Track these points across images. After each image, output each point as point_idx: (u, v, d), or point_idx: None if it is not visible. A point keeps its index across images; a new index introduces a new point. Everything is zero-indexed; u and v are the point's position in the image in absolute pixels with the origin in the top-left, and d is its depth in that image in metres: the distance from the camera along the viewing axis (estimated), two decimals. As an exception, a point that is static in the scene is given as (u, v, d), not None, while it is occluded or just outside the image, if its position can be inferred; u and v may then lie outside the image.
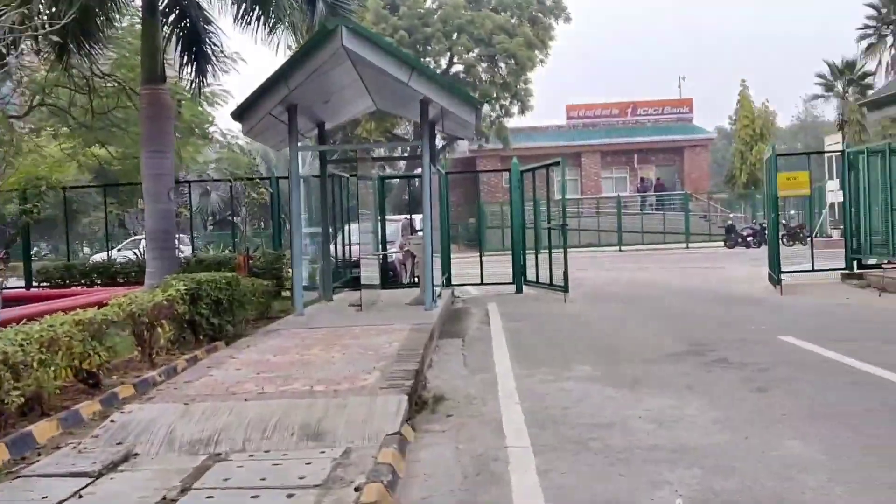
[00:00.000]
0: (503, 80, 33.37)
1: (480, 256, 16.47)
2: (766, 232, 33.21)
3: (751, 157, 36.55)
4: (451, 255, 16.89)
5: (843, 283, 15.02)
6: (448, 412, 5.89)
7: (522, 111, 34.64)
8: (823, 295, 13.11)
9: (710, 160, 45.32)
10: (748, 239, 31.46)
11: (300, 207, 11.29)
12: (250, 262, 13.32)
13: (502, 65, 33.35)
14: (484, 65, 33.48)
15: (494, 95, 33.49)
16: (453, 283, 16.17)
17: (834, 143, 26.71)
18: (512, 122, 39.52)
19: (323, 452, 4.88)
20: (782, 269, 13.63)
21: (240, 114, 11.05)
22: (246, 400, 5.89)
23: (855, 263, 15.26)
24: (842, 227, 29.56)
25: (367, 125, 31.86)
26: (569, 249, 14.10)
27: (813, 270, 15.44)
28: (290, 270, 12.93)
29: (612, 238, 34.68)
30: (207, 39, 13.41)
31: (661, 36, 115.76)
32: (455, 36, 32.85)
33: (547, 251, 14.61)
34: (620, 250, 33.49)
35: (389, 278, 15.77)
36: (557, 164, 13.95)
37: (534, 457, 4.61)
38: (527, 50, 32.44)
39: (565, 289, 13.71)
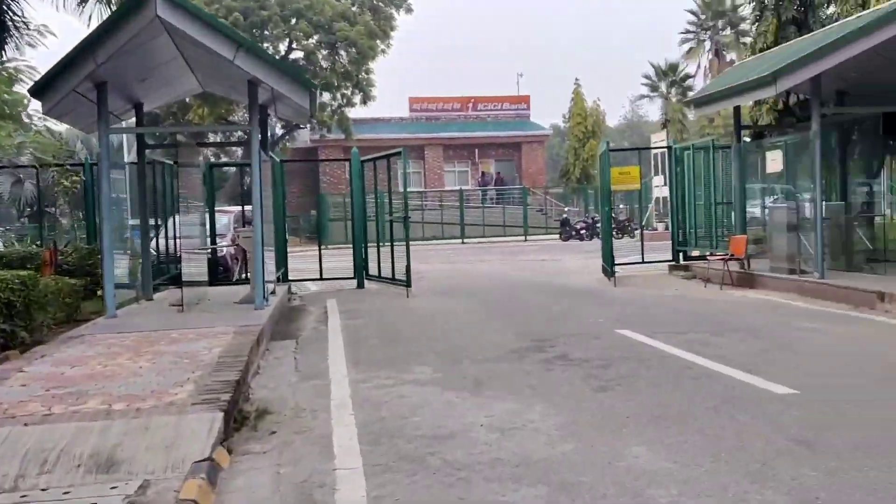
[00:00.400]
0: (344, 69, 32.52)
1: (319, 250, 15.73)
2: (598, 225, 34.76)
3: (584, 154, 38.06)
4: (290, 249, 16.04)
5: (671, 274, 15.67)
6: (272, 428, 5.23)
7: (365, 101, 33.99)
8: (653, 286, 13.54)
9: (545, 156, 46.83)
10: (581, 232, 32.65)
11: (109, 196, 10.05)
12: (59, 257, 11.83)
13: (343, 53, 32.48)
14: (324, 52, 32.47)
15: (336, 84, 32.59)
16: (291, 278, 15.34)
17: (659, 140, 28.24)
18: (354, 113, 38.75)
19: (114, 488, 4.08)
20: (615, 262, 13.96)
21: (39, 90, 9.70)
22: (26, 424, 4.94)
23: (681, 255, 15.96)
24: (667, 220, 31.43)
25: (198, 110, 29.97)
26: (412, 242, 13.73)
27: (643, 262, 16.00)
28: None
29: (455, 231, 34.88)
30: (5, 8, 11.80)
31: (503, 32, 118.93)
32: (294, 21, 31.59)
33: (389, 244, 14.12)
34: (463, 242, 33.73)
35: (220, 274, 14.68)
36: (399, 154, 13.50)
37: (364, 480, 4.07)
38: (368, 39, 31.79)
39: (407, 283, 13.30)
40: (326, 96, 34.41)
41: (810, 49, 10.78)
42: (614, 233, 34.70)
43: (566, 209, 36.48)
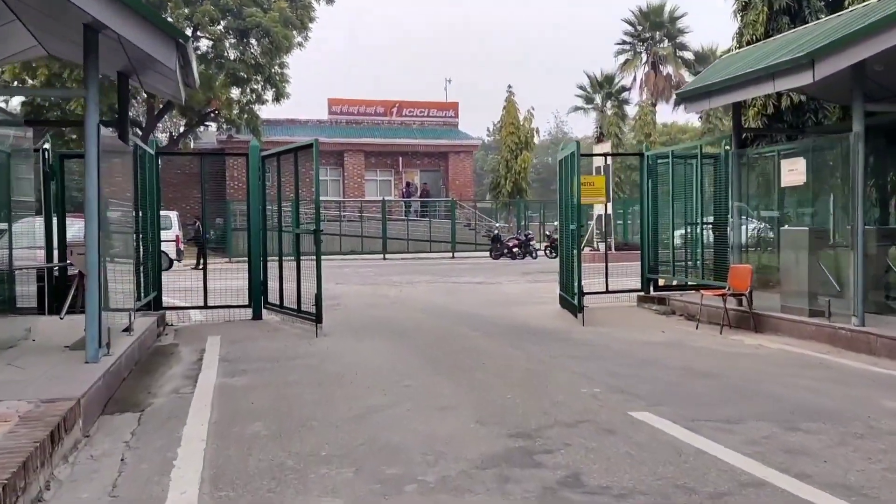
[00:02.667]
0: (255, 61, 28.90)
1: (204, 266, 12.27)
2: (532, 243, 32.27)
3: (516, 166, 35.52)
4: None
5: (641, 307, 12.99)
6: None
7: (278, 98, 30.39)
8: (630, 326, 10.76)
9: (474, 166, 44.22)
10: (514, 250, 30.02)
11: None
12: None
13: (254, 42, 28.88)
14: (232, 40, 28.76)
15: (245, 77, 28.92)
16: (174, 304, 11.93)
17: (600, 151, 25.92)
18: (267, 112, 35.16)
19: None
20: (583, 294, 11.10)
21: None
22: None
23: (651, 284, 13.32)
24: (611, 240, 29.14)
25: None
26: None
27: (607, 292, 13.28)
28: None
29: (377, 245, 31.70)
30: None
31: (431, 37, 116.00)
32: (199, 2, 27.79)
33: (295, 262, 10.88)
34: (385, 258, 30.58)
35: (72, 300, 11.05)
36: (310, 147, 10.30)
37: None
38: (283, 28, 28.28)
39: (317, 318, 10.12)
40: (235, 92, 30.70)
41: (844, 32, 8.24)
42: (547, 252, 32.42)
43: (496, 225, 33.85)
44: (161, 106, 31.04)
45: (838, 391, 6.45)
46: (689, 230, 12.82)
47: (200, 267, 15.46)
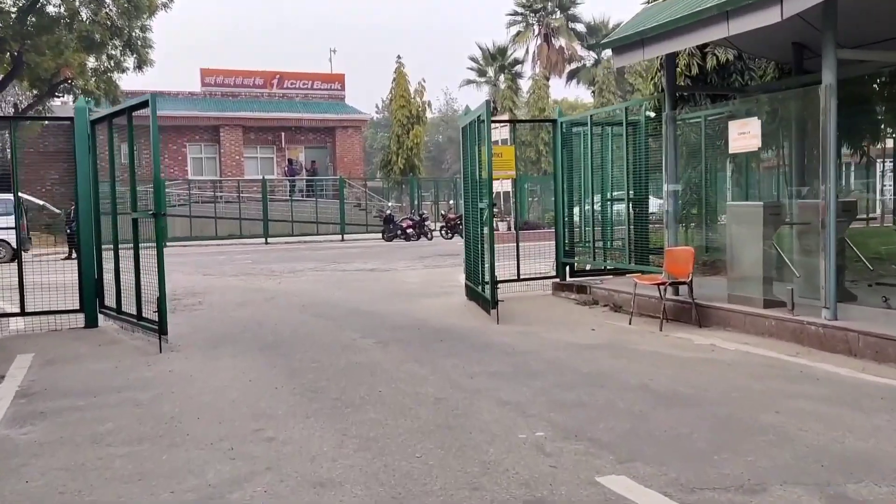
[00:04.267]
0: (112, 23, 25.39)
1: (20, 264, 9.58)
2: (427, 223, 30.37)
3: (408, 141, 33.38)
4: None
5: (557, 296, 11.34)
6: None
7: (140, 66, 26.93)
8: (554, 323, 9.02)
9: (365, 143, 41.81)
10: (408, 231, 28.09)
11: None
12: None
13: (110, 1, 25.33)
14: (85, -1, 25.11)
15: (100, 41, 25.35)
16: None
17: (499, 126, 24.25)
18: (129, 83, 31.58)
19: None
20: (497, 283, 9.23)
21: None
22: None
23: (567, 269, 11.69)
24: (509, 219, 27.63)
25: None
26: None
27: (518, 280, 11.54)
28: None
29: (258, 228, 28.94)
30: None
31: (311, 10, 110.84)
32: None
33: (133, 256, 8.47)
34: (267, 242, 27.94)
35: None
36: (145, 105, 7.90)
37: None
38: (143, -16, 24.99)
39: (160, 328, 7.81)
40: (90, 60, 27.01)
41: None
42: (443, 233, 30.65)
43: (389, 204, 31.74)
44: (3, 76, 26.99)
45: (857, 421, 4.84)
46: (607, 207, 11.24)
47: (74, 257, 12.66)
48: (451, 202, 31.99)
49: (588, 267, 11.71)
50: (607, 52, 41.84)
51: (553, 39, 38.92)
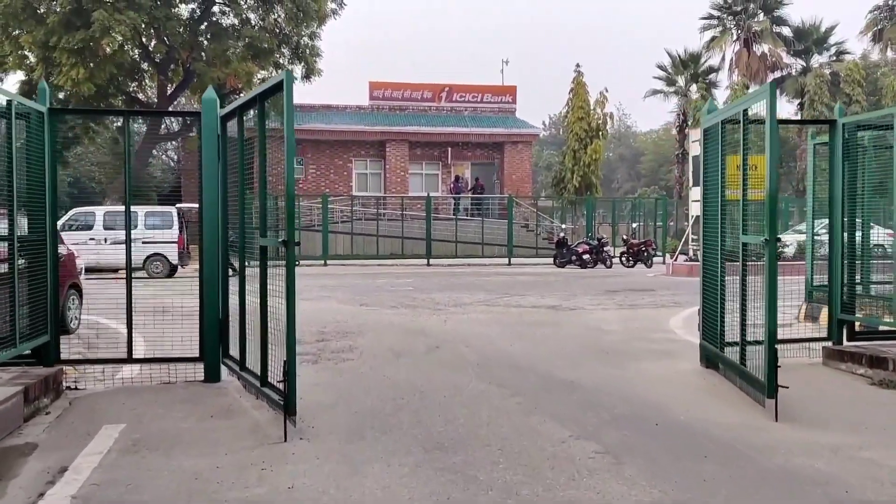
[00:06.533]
0: (280, 30, 24.46)
1: (129, 286, 7.60)
2: (606, 248, 27.14)
3: (585, 157, 30.32)
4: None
5: (833, 367, 8.00)
6: None
7: (308, 76, 25.95)
8: (867, 426, 5.80)
9: (532, 160, 39.20)
10: (584, 257, 25.02)
11: None
12: None
13: (278, 7, 24.41)
14: (251, 1, 24.32)
15: (268, 48, 24.46)
16: (83, 353, 7.46)
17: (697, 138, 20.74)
18: (300, 96, 30.79)
19: None
20: (776, 360, 6.08)
21: None
22: None
23: (844, 330, 8.32)
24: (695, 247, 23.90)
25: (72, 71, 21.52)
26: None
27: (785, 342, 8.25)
28: None
29: (420, 247, 26.99)
30: None
31: (484, 19, 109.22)
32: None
33: (260, 300, 6.20)
34: (429, 264, 25.91)
35: None
36: (279, 88, 5.61)
37: None
38: (312, -13, 23.83)
39: (286, 404, 5.42)
40: (258, 70, 26.31)
41: None
42: (623, 259, 27.22)
43: (563, 227, 28.80)
44: (174, 86, 26.92)
45: None
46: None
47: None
48: (634, 225, 28.55)
49: (882, 328, 8.27)
50: (818, 58, 36.72)
51: (754, 44, 34.49)
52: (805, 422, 5.85)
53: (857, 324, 8.39)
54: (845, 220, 8.23)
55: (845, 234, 8.27)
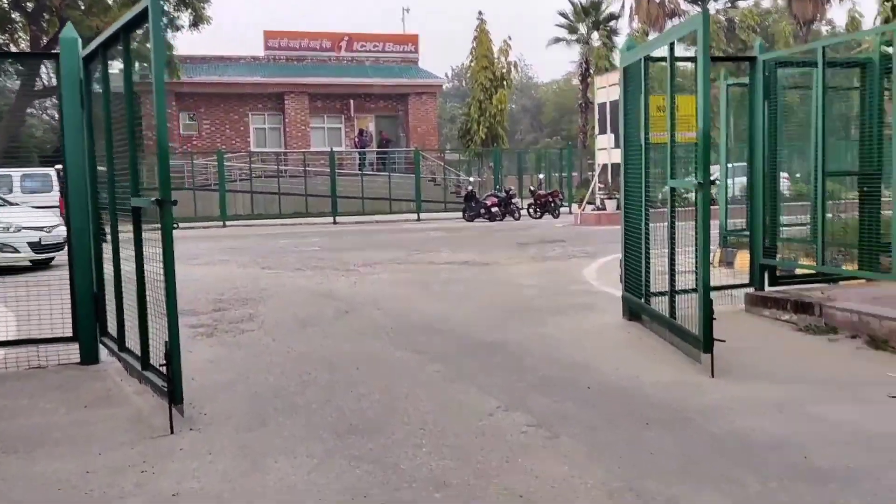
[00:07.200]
0: (163, -27, 22.60)
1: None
2: (514, 200, 26.85)
3: (491, 108, 29.78)
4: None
5: (756, 314, 7.79)
6: None
7: (196, 23, 24.18)
8: (802, 379, 5.54)
9: (437, 112, 38.39)
10: (493, 210, 24.67)
11: None
12: None
13: (160, -52, 22.54)
14: (128, -59, 22.31)
15: (149, -6, 22.54)
16: None
17: (608, 84, 20.52)
18: (188, 44, 28.93)
19: None
20: (711, 303, 5.72)
21: None
22: None
23: (766, 275, 8.14)
24: (617, 196, 23.92)
25: None
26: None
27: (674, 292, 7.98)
28: None
29: (325, 205, 25.95)
30: None
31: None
32: None
33: (136, 267, 5.34)
34: (335, 222, 24.98)
35: None
36: (144, 17, 4.70)
37: None
38: (196, -72, 22.04)
39: (170, 392, 4.64)
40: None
41: None
42: (531, 210, 27.03)
43: (470, 179, 28.32)
44: (49, 38, 24.63)
45: None
46: (814, 185, 7.60)
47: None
48: (541, 176, 28.35)
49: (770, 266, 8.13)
50: (714, 5, 37.27)
51: (652, -9, 34.61)
52: (741, 376, 5.53)
53: (777, 268, 8.23)
54: (765, 164, 7.97)
55: (765, 177, 8.01)
